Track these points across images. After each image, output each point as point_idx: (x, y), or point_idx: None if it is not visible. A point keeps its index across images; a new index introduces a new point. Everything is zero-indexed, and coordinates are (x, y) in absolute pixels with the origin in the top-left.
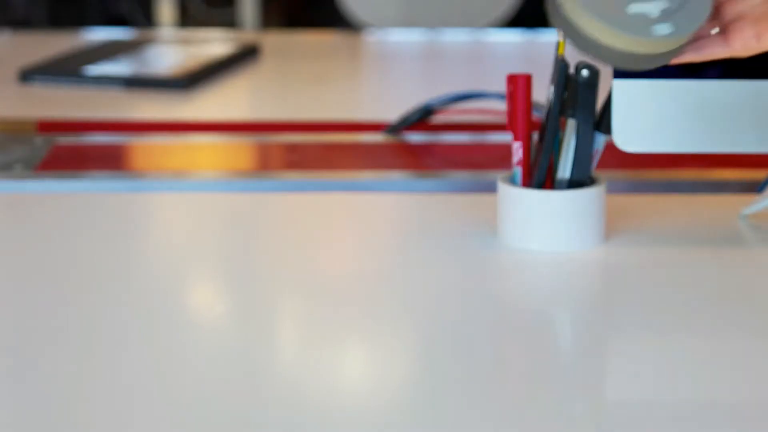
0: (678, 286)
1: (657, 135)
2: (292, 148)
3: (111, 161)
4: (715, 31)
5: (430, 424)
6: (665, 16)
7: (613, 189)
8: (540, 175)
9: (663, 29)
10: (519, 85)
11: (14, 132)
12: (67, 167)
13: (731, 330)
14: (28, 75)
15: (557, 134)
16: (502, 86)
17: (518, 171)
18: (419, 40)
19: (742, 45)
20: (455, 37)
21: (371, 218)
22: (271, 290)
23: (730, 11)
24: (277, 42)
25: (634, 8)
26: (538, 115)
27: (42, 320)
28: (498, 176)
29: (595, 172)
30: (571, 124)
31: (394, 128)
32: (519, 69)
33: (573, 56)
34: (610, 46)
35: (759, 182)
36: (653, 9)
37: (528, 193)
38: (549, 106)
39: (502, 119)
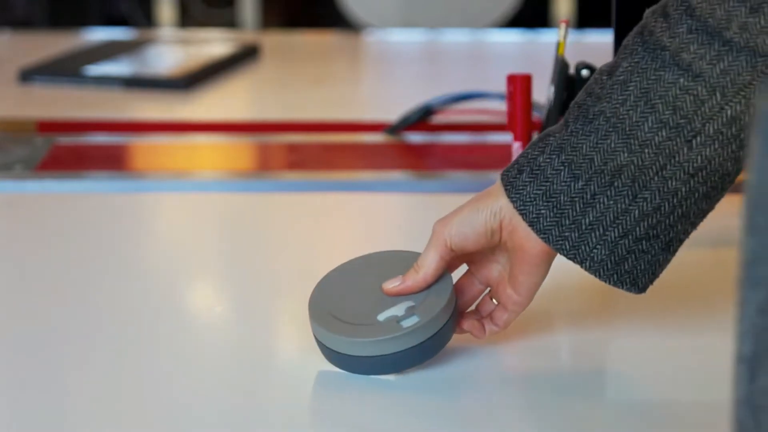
0: (678, 286)
1: None
2: (292, 148)
3: (111, 161)
4: (495, 302)
5: (429, 424)
6: (410, 311)
7: None
8: None
9: (410, 321)
10: (519, 85)
11: (14, 132)
12: (67, 167)
13: (731, 330)
14: (28, 75)
15: None
16: (502, 86)
17: None
18: (419, 40)
19: (511, 304)
20: (455, 37)
21: (371, 218)
22: (271, 290)
23: (493, 283)
24: (277, 42)
25: (383, 316)
26: (538, 115)
27: (42, 320)
28: (498, 176)
29: None
30: None
31: (394, 128)
32: (519, 69)
33: (573, 56)
34: (377, 354)
35: None
36: (399, 310)
37: None
38: (549, 106)
39: (502, 119)
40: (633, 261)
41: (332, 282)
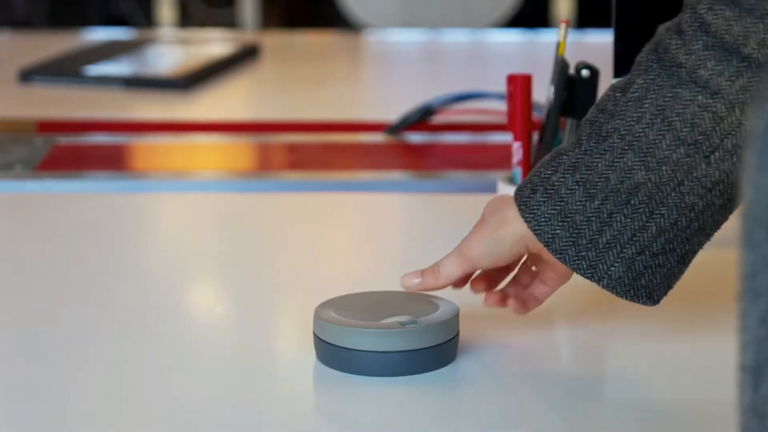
0: (677, 285)
1: None
2: (292, 148)
3: (111, 161)
4: (534, 269)
5: (429, 423)
6: (413, 321)
7: None
8: None
9: (412, 326)
10: (519, 85)
11: (14, 132)
12: (67, 167)
13: (731, 330)
14: (28, 75)
15: (557, 134)
16: (502, 86)
17: (518, 171)
18: (419, 40)
19: (550, 281)
20: (455, 37)
21: (371, 218)
22: (271, 290)
23: (534, 259)
24: (277, 42)
25: (386, 320)
26: (538, 115)
27: (42, 319)
28: (498, 176)
29: None
30: (571, 124)
31: (394, 128)
32: (519, 69)
33: (573, 56)
34: (375, 350)
35: None
36: (403, 318)
37: None
38: (549, 106)
39: (502, 119)
40: (649, 275)
41: (338, 299)
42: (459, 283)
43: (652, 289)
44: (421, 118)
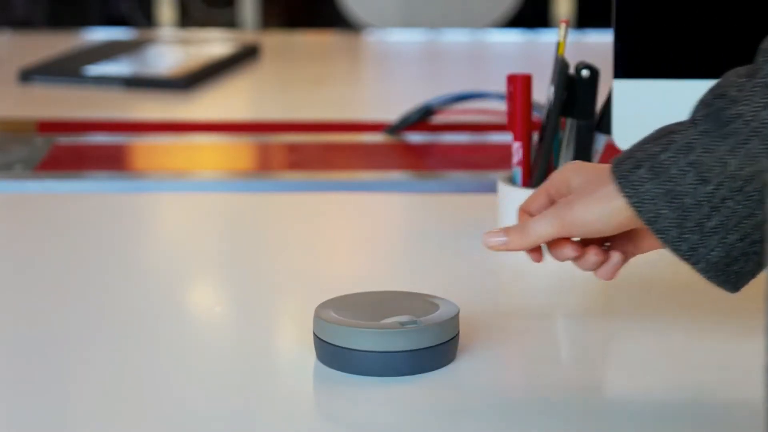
0: (678, 285)
1: None
2: (292, 148)
3: (111, 161)
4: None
5: (428, 423)
6: (413, 321)
7: None
8: (540, 175)
9: (410, 323)
10: (519, 85)
11: (14, 132)
12: (67, 167)
13: (732, 330)
14: (28, 75)
15: (557, 134)
16: (502, 86)
17: (518, 171)
18: (419, 40)
19: (631, 252)
20: (455, 37)
21: (371, 218)
22: (271, 290)
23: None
24: (277, 42)
25: (385, 320)
26: (538, 115)
27: (42, 319)
28: (498, 176)
29: None
30: (571, 124)
31: (394, 128)
32: (519, 69)
33: (573, 56)
34: (374, 350)
35: None
36: (403, 318)
37: (528, 193)
38: (549, 106)
39: (502, 119)
40: (743, 262)
41: (338, 299)
42: (535, 253)
43: (741, 276)
44: (421, 118)
